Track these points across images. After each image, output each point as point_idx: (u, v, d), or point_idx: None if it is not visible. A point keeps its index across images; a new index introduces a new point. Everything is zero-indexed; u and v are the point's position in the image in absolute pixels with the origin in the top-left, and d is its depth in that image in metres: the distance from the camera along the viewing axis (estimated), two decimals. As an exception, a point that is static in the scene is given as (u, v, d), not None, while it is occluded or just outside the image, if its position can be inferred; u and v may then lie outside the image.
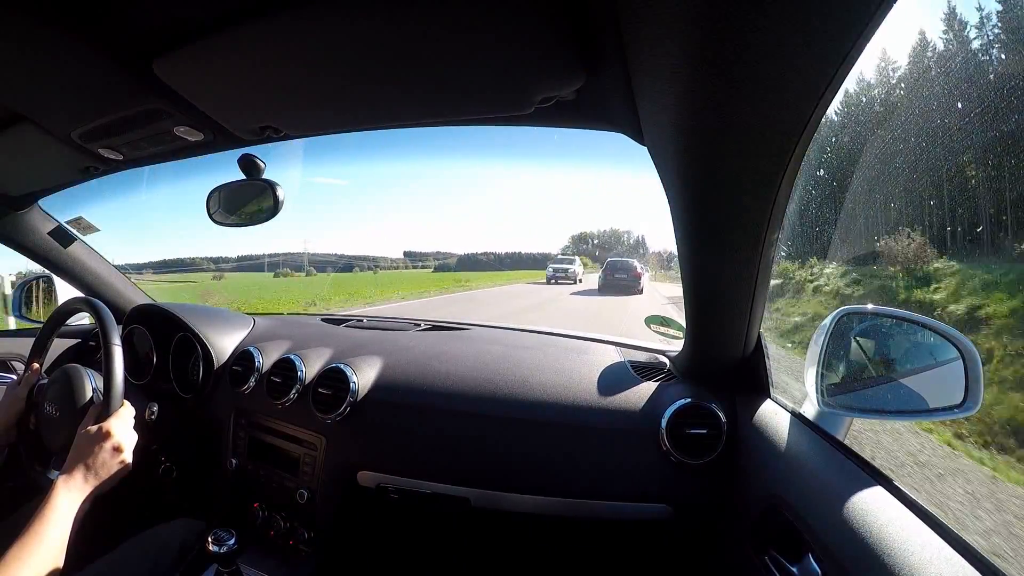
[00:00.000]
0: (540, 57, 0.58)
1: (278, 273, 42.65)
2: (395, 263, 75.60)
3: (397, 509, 1.10)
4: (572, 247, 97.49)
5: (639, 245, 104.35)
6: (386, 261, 77.95)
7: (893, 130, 4.94)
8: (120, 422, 0.82)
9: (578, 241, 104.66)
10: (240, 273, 51.22)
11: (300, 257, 56.84)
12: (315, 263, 58.43)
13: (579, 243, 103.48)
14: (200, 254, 67.57)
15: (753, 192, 0.54)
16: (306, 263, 53.35)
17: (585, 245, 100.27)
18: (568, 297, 13.48)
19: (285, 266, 50.39)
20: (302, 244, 71.88)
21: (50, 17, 0.57)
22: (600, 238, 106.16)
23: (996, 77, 3.50)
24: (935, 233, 4.91)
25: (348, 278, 37.63)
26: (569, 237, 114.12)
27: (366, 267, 62.33)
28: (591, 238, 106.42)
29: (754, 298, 0.72)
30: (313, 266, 51.32)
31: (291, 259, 56.01)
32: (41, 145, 0.94)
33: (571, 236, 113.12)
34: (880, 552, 0.48)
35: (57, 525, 0.67)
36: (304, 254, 57.65)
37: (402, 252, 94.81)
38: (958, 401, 0.63)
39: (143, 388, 1.31)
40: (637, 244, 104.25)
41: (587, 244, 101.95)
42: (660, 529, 0.95)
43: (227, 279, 37.12)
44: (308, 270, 47.26)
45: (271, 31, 0.56)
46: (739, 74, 0.39)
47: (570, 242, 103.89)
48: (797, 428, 0.75)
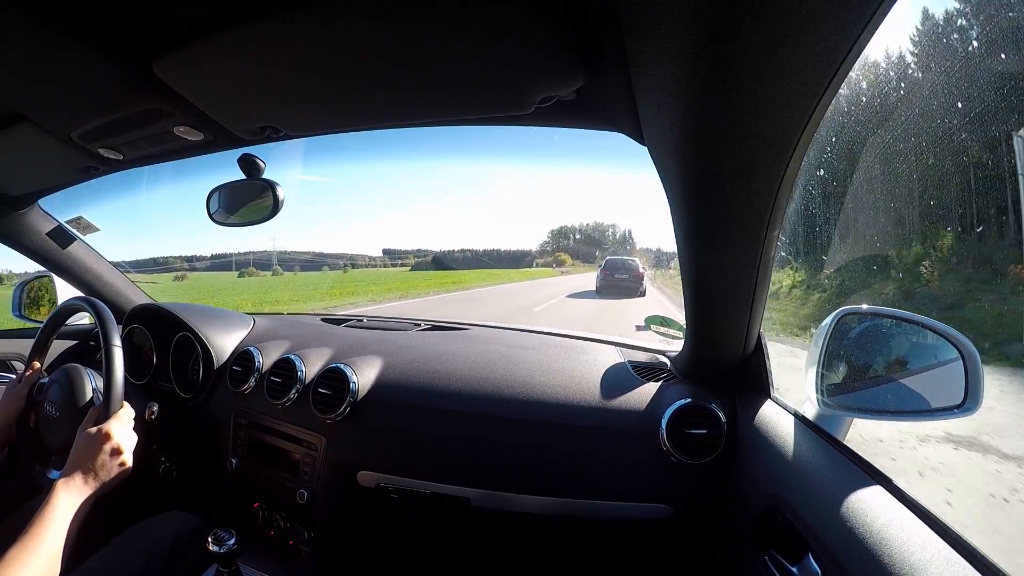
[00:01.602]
0: (540, 57, 0.58)
1: (243, 272, 42.31)
2: (374, 261, 74.80)
3: (397, 509, 1.10)
4: (552, 242, 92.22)
5: (626, 240, 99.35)
6: (364, 259, 77.03)
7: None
8: (120, 424, 0.82)
9: (558, 236, 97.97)
10: (208, 273, 50.85)
11: (273, 256, 56.43)
12: (287, 261, 58.05)
13: (559, 238, 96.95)
14: (176, 252, 66.92)
15: (753, 192, 0.54)
16: (275, 261, 53.12)
17: (566, 240, 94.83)
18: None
19: (256, 265, 50.09)
20: (270, 242, 71.14)
21: (50, 17, 0.57)
22: (583, 232, 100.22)
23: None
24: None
25: (317, 277, 37.15)
26: (548, 232, 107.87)
27: (339, 266, 61.57)
28: (572, 232, 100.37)
29: (754, 298, 0.72)
30: (281, 264, 50.98)
31: (263, 257, 55.54)
32: (41, 145, 0.94)
33: (550, 231, 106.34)
34: (880, 552, 0.48)
35: (57, 526, 0.67)
36: (273, 252, 57.16)
37: (381, 250, 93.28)
38: (958, 401, 0.63)
39: (143, 388, 1.31)
40: (624, 239, 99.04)
41: (568, 239, 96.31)
42: (660, 529, 0.95)
43: (189, 279, 36.66)
44: (275, 269, 46.96)
45: (271, 31, 0.56)
46: (739, 74, 0.39)
47: (549, 237, 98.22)
48: (797, 428, 0.75)
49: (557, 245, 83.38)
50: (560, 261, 62.29)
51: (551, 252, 72.41)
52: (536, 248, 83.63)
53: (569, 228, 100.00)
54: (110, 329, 0.87)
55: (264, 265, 49.88)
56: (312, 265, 59.81)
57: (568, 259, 63.11)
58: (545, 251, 75.31)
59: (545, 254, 71.05)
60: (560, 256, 66.79)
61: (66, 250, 1.40)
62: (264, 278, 38.58)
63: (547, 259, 66.06)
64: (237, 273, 42.01)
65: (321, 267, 59.02)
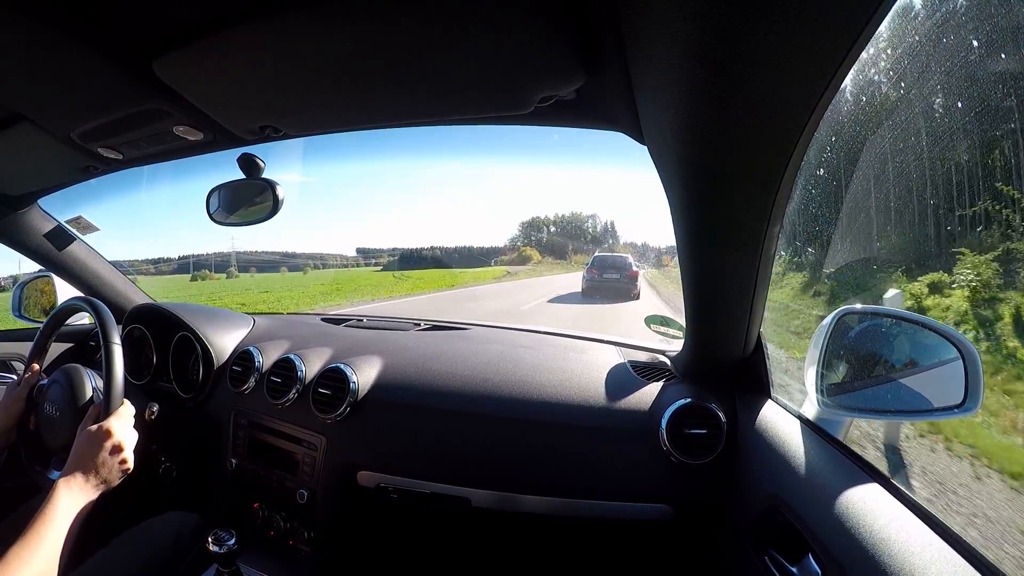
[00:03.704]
0: (540, 57, 0.58)
1: (195, 276, 41.38)
2: (346, 261, 71.60)
3: (397, 509, 1.10)
4: (522, 236, 79.41)
5: (608, 234, 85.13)
6: (336, 258, 73.13)
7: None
8: (120, 421, 0.82)
9: (529, 229, 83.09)
10: (164, 276, 49.79)
11: (232, 257, 55.33)
12: (254, 263, 57.08)
13: (530, 231, 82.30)
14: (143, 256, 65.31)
15: (753, 192, 0.54)
16: (234, 262, 52.09)
17: (539, 234, 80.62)
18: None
19: (219, 267, 49.13)
20: (229, 243, 67.32)
21: (50, 17, 0.57)
22: (559, 224, 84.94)
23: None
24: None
25: (273, 279, 36.36)
26: (519, 224, 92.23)
27: (299, 266, 59.38)
28: (546, 225, 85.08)
29: (754, 297, 0.72)
30: (240, 265, 50.08)
31: (224, 259, 54.54)
32: (41, 145, 0.94)
33: (520, 223, 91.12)
34: (880, 552, 0.48)
35: (58, 525, 0.67)
36: (232, 254, 55.96)
37: (355, 249, 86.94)
38: (958, 401, 0.63)
39: (143, 388, 1.31)
40: (605, 232, 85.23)
41: (541, 232, 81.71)
42: (660, 529, 0.95)
43: (138, 283, 36.18)
44: (230, 271, 46.14)
45: (271, 31, 0.56)
46: (739, 74, 0.39)
47: (520, 231, 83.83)
48: (797, 428, 0.75)
49: (527, 239, 74.28)
50: (525, 258, 54.59)
51: (522, 247, 62.90)
52: (507, 243, 74.11)
53: (543, 220, 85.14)
54: (110, 328, 0.87)
55: (223, 267, 49.07)
56: (272, 267, 58.44)
57: (536, 255, 55.64)
58: (516, 246, 66.11)
59: (512, 250, 63.21)
60: (525, 251, 58.59)
61: (66, 250, 1.40)
62: (218, 281, 37.86)
63: (511, 255, 58.49)
64: (190, 277, 41.14)
65: (280, 268, 57.80)
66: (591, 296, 11.47)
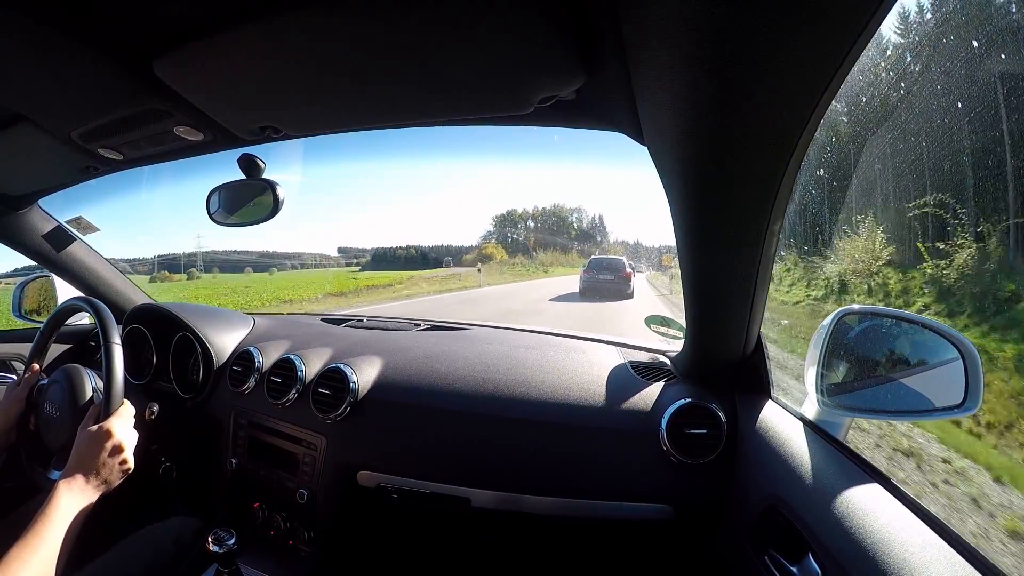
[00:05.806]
0: (540, 57, 0.58)
1: (154, 277, 40.83)
2: (325, 260, 67.95)
3: (397, 509, 1.10)
4: (496, 232, 66.26)
5: (595, 230, 73.57)
6: (315, 258, 70.29)
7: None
8: (120, 421, 0.82)
9: (503, 224, 69.05)
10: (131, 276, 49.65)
11: (198, 256, 54.01)
12: (231, 263, 56.01)
13: (504, 226, 68.33)
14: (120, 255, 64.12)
15: (753, 191, 0.54)
16: (200, 262, 50.94)
17: (513, 229, 67.27)
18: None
19: (186, 266, 48.47)
20: (195, 241, 63.28)
21: (50, 17, 0.57)
22: (539, 219, 70.58)
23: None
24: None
25: (235, 280, 35.81)
26: (492, 218, 77.29)
27: (265, 266, 57.86)
28: (523, 219, 70.39)
29: (754, 297, 0.72)
30: (198, 267, 49.08)
31: (191, 259, 53.16)
32: (41, 145, 0.94)
33: (494, 216, 75.41)
34: (880, 552, 0.48)
35: (58, 526, 0.67)
36: (198, 253, 53.81)
37: (336, 249, 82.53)
38: (958, 401, 0.63)
39: (143, 388, 1.31)
40: (592, 229, 73.30)
41: (516, 228, 68.21)
42: (660, 529, 0.95)
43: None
44: (191, 271, 45.39)
45: (271, 31, 0.56)
46: (739, 75, 0.39)
47: (494, 226, 69.09)
48: (797, 428, 0.75)
49: (501, 237, 63.49)
50: (486, 256, 46.50)
51: (483, 246, 53.53)
52: (477, 242, 63.36)
53: (520, 214, 71.06)
54: (110, 328, 0.87)
55: (189, 266, 48.37)
56: (235, 267, 57.02)
57: (500, 254, 46.51)
58: (477, 246, 56.78)
59: (470, 251, 54.15)
60: (487, 249, 48.64)
61: (66, 250, 1.40)
62: (178, 282, 37.36)
63: (474, 255, 50.21)
64: (148, 278, 40.28)
65: (244, 268, 56.18)
66: (587, 296, 12.02)
